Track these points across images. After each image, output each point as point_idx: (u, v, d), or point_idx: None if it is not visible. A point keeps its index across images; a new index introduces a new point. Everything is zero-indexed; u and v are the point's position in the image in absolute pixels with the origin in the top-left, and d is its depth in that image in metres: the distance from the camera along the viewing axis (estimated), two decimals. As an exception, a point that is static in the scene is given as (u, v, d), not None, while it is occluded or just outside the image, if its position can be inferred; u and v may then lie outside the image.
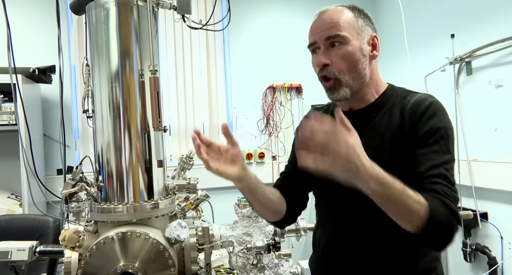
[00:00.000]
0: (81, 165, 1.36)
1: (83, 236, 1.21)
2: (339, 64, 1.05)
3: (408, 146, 1.02)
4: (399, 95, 1.12)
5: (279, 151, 3.67)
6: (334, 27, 1.06)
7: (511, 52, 2.47)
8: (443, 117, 1.03)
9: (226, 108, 3.66)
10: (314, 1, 3.77)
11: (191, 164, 1.64)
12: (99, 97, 1.31)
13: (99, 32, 1.30)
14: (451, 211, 0.90)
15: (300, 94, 3.73)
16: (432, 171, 0.97)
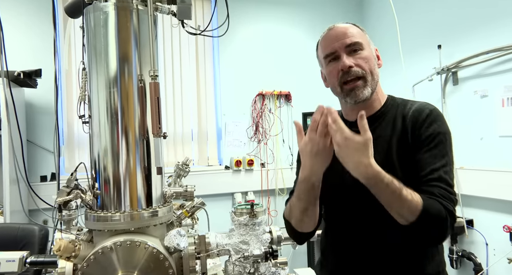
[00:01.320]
0: (76, 172, 1.32)
1: (79, 245, 1.16)
2: (362, 64, 1.13)
3: (411, 151, 1.09)
4: (399, 104, 1.20)
5: (268, 158, 3.67)
6: (353, 36, 1.15)
7: (495, 64, 2.55)
8: (442, 123, 1.11)
9: (215, 114, 3.64)
10: (301, 9, 3.85)
11: (187, 171, 1.62)
12: (96, 102, 1.28)
13: (98, 36, 1.27)
14: (446, 210, 0.98)
15: (289, 102, 3.75)
16: (431, 175, 1.04)
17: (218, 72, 3.64)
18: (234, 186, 3.54)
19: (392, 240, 1.09)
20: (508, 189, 2.41)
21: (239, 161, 3.54)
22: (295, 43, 3.82)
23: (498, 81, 2.53)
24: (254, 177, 3.60)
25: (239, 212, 1.62)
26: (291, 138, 3.74)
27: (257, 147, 3.65)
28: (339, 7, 3.98)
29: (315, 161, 1.03)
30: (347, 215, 1.19)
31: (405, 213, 0.97)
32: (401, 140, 1.11)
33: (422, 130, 1.09)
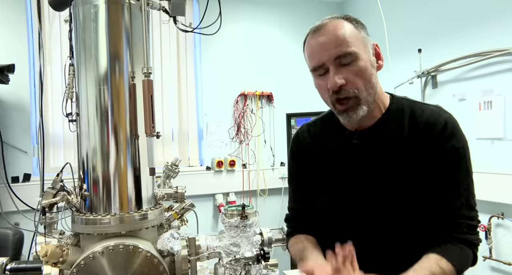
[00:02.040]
0: (62, 173, 1.25)
1: (67, 250, 1.11)
2: (355, 82, 0.95)
3: (427, 162, 1.00)
4: (405, 106, 1.06)
5: (249, 159, 3.64)
6: (343, 44, 0.95)
7: (473, 68, 2.64)
8: (461, 135, 1.02)
9: (197, 114, 3.58)
10: (282, 10, 3.85)
11: (176, 172, 1.57)
12: (85, 99, 1.22)
13: (87, 30, 1.21)
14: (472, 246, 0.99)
15: (271, 102, 3.75)
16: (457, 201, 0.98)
17: (199, 71, 3.58)
18: (215, 187, 3.50)
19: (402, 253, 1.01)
20: (484, 190, 2.49)
21: (220, 161, 3.49)
22: (277, 44, 3.82)
23: (476, 85, 2.62)
24: (236, 178, 3.57)
25: (230, 213, 1.59)
26: (273, 139, 3.73)
27: (238, 148, 3.62)
28: (320, 8, 4.01)
29: None
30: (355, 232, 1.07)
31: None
32: (410, 149, 1.00)
33: (440, 143, 0.98)
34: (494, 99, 2.51)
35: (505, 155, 2.46)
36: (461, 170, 1.00)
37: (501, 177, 2.43)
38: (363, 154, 1.07)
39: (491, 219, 2.53)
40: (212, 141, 3.57)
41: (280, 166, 3.74)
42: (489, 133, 2.54)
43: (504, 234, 2.48)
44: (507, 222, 2.47)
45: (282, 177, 3.70)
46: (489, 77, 2.55)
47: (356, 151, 1.08)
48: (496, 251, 2.54)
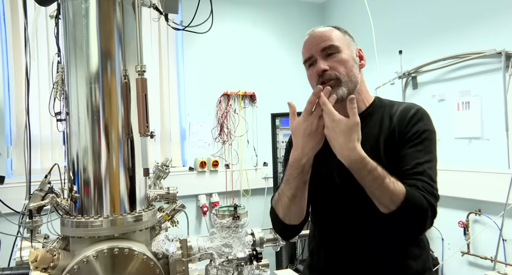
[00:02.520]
0: (50, 175, 1.20)
1: (57, 255, 1.06)
2: (337, 67, 1.12)
3: (397, 148, 1.11)
4: (386, 105, 1.21)
5: (232, 159, 3.63)
6: (328, 39, 1.15)
7: (452, 70, 2.73)
8: (428, 121, 1.14)
9: (179, 114, 3.54)
10: (264, 10, 3.86)
11: (167, 173, 1.55)
12: (75, 98, 1.18)
13: (78, 26, 1.17)
14: (427, 202, 1.00)
15: (254, 102, 3.74)
16: (415, 169, 1.05)
17: (182, 70, 3.54)
18: (198, 187, 3.46)
19: (380, 239, 1.11)
20: (463, 187, 2.58)
21: (203, 162, 3.46)
22: (260, 44, 3.82)
23: (454, 86, 2.71)
24: (219, 179, 3.55)
25: (221, 214, 1.57)
26: (256, 139, 3.74)
27: (221, 148, 3.59)
28: (302, 9, 4.05)
29: (308, 142, 1.04)
30: (335, 216, 1.20)
31: (386, 201, 0.98)
32: (388, 138, 1.12)
33: (408, 127, 1.11)
34: (472, 100, 2.60)
35: (482, 154, 2.55)
36: (424, 148, 1.08)
37: (479, 175, 2.52)
38: None
39: (469, 216, 2.62)
40: (195, 141, 3.53)
41: (263, 166, 3.74)
42: (467, 133, 2.63)
43: (481, 230, 2.57)
44: (484, 218, 2.56)
45: (265, 177, 3.71)
46: (467, 78, 2.64)
47: None
48: (474, 246, 2.63)
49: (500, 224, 2.40)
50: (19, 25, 2.91)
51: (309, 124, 1.03)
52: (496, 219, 2.45)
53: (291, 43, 3.90)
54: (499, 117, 2.42)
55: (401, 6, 3.12)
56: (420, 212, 1.00)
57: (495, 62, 2.44)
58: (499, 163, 2.43)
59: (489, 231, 2.53)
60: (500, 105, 2.41)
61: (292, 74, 3.89)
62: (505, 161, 2.38)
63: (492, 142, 2.50)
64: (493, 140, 2.49)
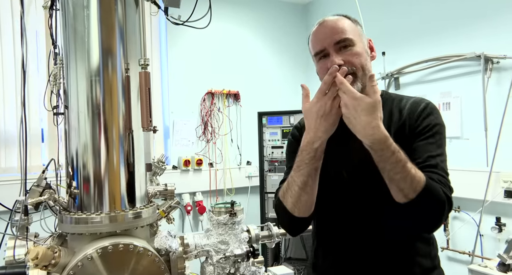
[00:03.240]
0: (47, 170, 1.17)
1: (59, 252, 1.03)
2: (352, 61, 1.07)
3: (408, 142, 1.08)
4: (394, 98, 1.20)
5: (216, 158, 3.61)
6: (342, 32, 1.09)
7: (433, 72, 2.82)
8: (438, 115, 1.14)
9: (162, 112, 3.49)
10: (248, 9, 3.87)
11: (163, 169, 1.53)
12: (75, 92, 1.15)
13: (79, 18, 1.14)
14: (445, 195, 0.98)
15: (238, 101, 3.74)
16: (428, 161, 1.04)
17: (166, 68, 3.49)
18: (182, 186, 3.41)
19: (390, 235, 1.09)
20: (442, 185, 2.68)
21: (187, 160, 3.43)
22: (244, 43, 3.82)
23: (435, 87, 2.81)
24: (203, 177, 3.53)
25: (217, 211, 1.57)
26: (240, 137, 3.74)
27: (205, 147, 3.57)
28: (286, 9, 4.08)
29: (321, 124, 1.00)
30: (341, 213, 1.17)
31: (406, 187, 0.93)
32: (398, 131, 1.10)
33: (419, 121, 1.09)
34: (452, 101, 2.70)
35: (461, 153, 2.65)
36: (435, 141, 1.08)
37: (458, 173, 2.62)
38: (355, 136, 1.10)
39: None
40: (179, 140, 3.50)
41: (246, 165, 3.75)
42: (448, 132, 2.69)
43: (460, 226, 2.68)
44: (463, 215, 2.67)
45: (248, 176, 3.72)
46: (447, 80, 2.74)
47: (348, 134, 1.09)
48: (453, 242, 2.73)
49: (478, 220, 2.51)
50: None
51: (323, 105, 0.99)
52: (474, 215, 2.56)
53: (275, 43, 3.92)
54: (478, 118, 2.52)
55: (385, 8, 3.21)
56: (439, 202, 0.96)
57: (474, 64, 2.55)
58: (478, 162, 2.53)
59: (467, 227, 2.64)
60: (479, 106, 2.51)
61: (276, 73, 3.92)
62: (484, 159, 2.49)
63: (472, 141, 2.60)
64: (472, 140, 2.60)
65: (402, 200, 0.96)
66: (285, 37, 3.98)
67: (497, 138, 2.39)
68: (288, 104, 3.69)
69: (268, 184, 3.32)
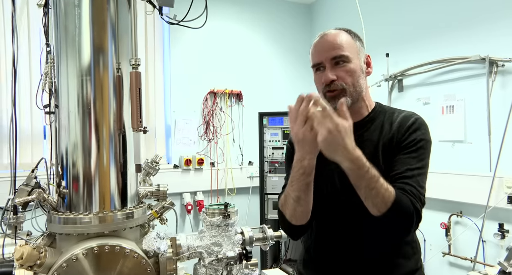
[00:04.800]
0: (37, 169, 1.16)
1: (44, 252, 1.03)
2: (344, 78, 1.14)
3: (393, 154, 1.14)
4: (387, 111, 1.24)
5: (218, 157, 3.60)
6: (339, 48, 1.15)
7: (437, 74, 2.78)
8: (426, 131, 1.17)
9: (164, 111, 3.48)
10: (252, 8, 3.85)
11: (156, 169, 1.52)
12: (65, 91, 1.14)
13: (70, 16, 1.14)
14: (413, 206, 1.03)
15: (240, 101, 3.73)
16: (405, 173, 1.09)
17: (168, 67, 3.49)
18: (183, 185, 3.42)
19: (374, 239, 1.15)
20: (445, 190, 2.64)
21: (188, 160, 3.42)
22: (247, 43, 3.81)
23: (439, 90, 2.76)
24: (204, 177, 3.52)
25: (211, 212, 1.55)
26: (242, 137, 3.72)
27: (207, 146, 3.56)
28: (290, 9, 4.05)
29: (303, 148, 1.05)
30: (334, 216, 1.22)
31: (379, 202, 1.00)
32: (386, 144, 1.15)
33: (406, 135, 1.14)
34: (456, 104, 2.65)
35: (464, 157, 2.61)
36: (417, 156, 1.11)
37: (461, 178, 2.58)
38: None
39: (450, 217, 2.67)
40: (180, 139, 3.49)
41: (248, 165, 3.73)
42: (451, 136, 2.69)
43: (462, 232, 2.63)
44: (465, 220, 2.62)
45: (250, 176, 3.70)
46: (451, 83, 2.70)
47: None
48: (455, 247, 2.69)
49: (481, 226, 2.46)
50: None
51: (296, 132, 1.03)
52: (477, 220, 2.51)
53: (278, 43, 3.90)
54: (482, 121, 2.48)
55: (389, 9, 3.17)
56: (407, 215, 1.02)
57: (479, 67, 2.50)
58: (481, 166, 2.49)
59: (469, 233, 2.59)
60: (483, 109, 2.47)
61: (279, 73, 3.90)
62: (487, 164, 2.44)
63: (475, 145, 2.56)
64: (475, 144, 2.55)
65: (376, 213, 1.02)
66: (289, 37, 3.95)
67: (501, 142, 2.34)
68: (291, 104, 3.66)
69: (268, 185, 3.30)
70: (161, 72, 3.47)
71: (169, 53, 3.47)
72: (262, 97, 3.78)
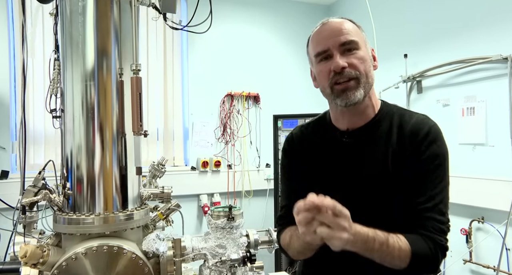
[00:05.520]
0: (44, 171, 1.21)
1: (47, 251, 1.07)
2: (357, 65, 1.02)
3: (408, 166, 1.03)
4: (395, 113, 1.12)
5: (235, 160, 3.62)
6: (348, 34, 1.03)
7: (457, 75, 2.69)
8: (442, 142, 1.06)
9: (182, 114, 3.54)
10: (273, 12, 3.86)
11: (163, 172, 1.55)
12: (70, 95, 1.19)
13: (75, 24, 1.18)
14: (435, 244, 0.97)
15: (257, 103, 3.74)
16: (427, 204, 1.00)
17: (186, 70, 3.55)
18: (200, 187, 3.46)
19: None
20: (465, 194, 2.55)
21: (206, 162, 3.46)
22: (265, 45, 3.81)
23: (459, 91, 2.67)
24: (221, 179, 3.55)
25: (216, 215, 1.57)
26: (259, 140, 3.73)
27: (224, 148, 3.59)
28: (308, 11, 4.03)
29: None
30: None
31: (397, 264, 0.96)
32: (396, 152, 1.04)
33: (422, 147, 1.03)
34: (477, 106, 2.56)
35: (486, 161, 2.51)
36: (437, 176, 1.02)
37: (482, 182, 2.48)
38: (352, 153, 1.10)
39: (471, 223, 2.58)
40: (198, 141, 3.53)
41: (265, 168, 3.73)
42: (471, 139, 2.59)
43: (484, 238, 2.53)
44: (487, 226, 2.52)
45: (267, 178, 3.70)
46: (472, 83, 2.60)
47: (345, 150, 1.10)
48: (476, 254, 2.59)
49: (504, 233, 2.36)
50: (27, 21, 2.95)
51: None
52: (500, 227, 2.41)
53: (295, 44, 3.88)
54: (504, 124, 2.37)
55: (407, 9, 3.10)
56: (429, 261, 0.98)
57: (501, 67, 2.40)
58: (503, 170, 2.38)
59: (492, 240, 2.49)
60: (505, 111, 2.37)
61: (297, 76, 3.88)
62: (510, 168, 2.34)
63: (497, 149, 2.45)
64: (497, 147, 2.45)
65: (398, 269, 0.97)
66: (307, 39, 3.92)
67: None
68: (308, 107, 3.65)
69: (284, 188, 3.28)
70: (179, 76, 3.53)
71: (187, 57, 3.53)
72: (279, 100, 3.77)
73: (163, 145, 3.43)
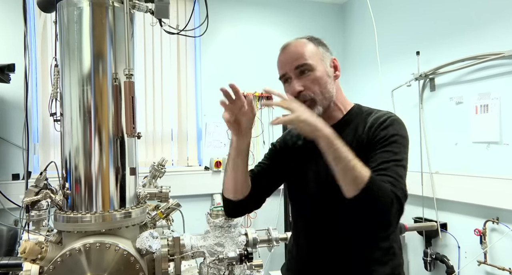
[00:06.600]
0: (46, 171, 1.28)
1: (46, 247, 1.13)
2: (311, 87, 1.14)
3: (365, 154, 1.08)
4: (364, 113, 1.21)
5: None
6: (301, 57, 1.16)
7: (470, 72, 2.61)
8: (398, 127, 1.12)
9: (196, 114, 3.60)
10: (283, 11, 3.86)
11: (162, 172, 1.59)
12: (68, 99, 1.25)
13: (71, 32, 1.24)
14: (393, 194, 0.97)
15: (270, 104, 3.74)
16: (380, 166, 1.03)
17: (199, 72, 3.60)
18: (214, 187, 3.50)
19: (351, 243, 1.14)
20: (479, 194, 2.48)
21: (219, 162, 3.51)
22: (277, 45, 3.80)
23: (473, 88, 2.60)
24: (234, 179, 3.58)
25: (215, 214, 1.60)
26: (272, 139, 3.74)
27: (237, 148, 3.62)
28: (322, 10, 4.01)
29: None
30: (309, 218, 1.25)
31: (350, 183, 0.96)
32: (359, 144, 1.13)
33: (376, 132, 1.11)
34: (491, 103, 2.48)
35: (500, 159, 2.43)
36: (392, 151, 1.06)
37: (497, 181, 2.41)
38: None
39: (486, 224, 2.50)
40: (211, 141, 3.59)
41: (278, 167, 3.74)
42: (485, 137, 2.52)
43: (499, 239, 2.45)
44: (502, 227, 2.44)
45: (280, 178, 3.70)
46: (485, 80, 2.53)
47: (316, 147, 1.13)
48: (491, 256, 2.52)
49: (519, 234, 2.28)
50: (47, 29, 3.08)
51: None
52: (515, 228, 2.33)
53: (309, 44, 3.87)
54: (519, 121, 2.30)
55: (419, 6, 3.03)
56: (383, 200, 0.96)
57: (515, 63, 2.33)
58: (518, 169, 2.31)
59: (507, 241, 2.41)
60: (520, 108, 2.29)
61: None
62: (525, 167, 2.26)
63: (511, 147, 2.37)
64: (512, 145, 2.37)
65: (348, 195, 0.98)
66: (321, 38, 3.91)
67: (540, 144, 2.16)
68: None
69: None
70: (192, 77, 3.59)
71: (200, 59, 3.59)
72: (293, 99, 3.77)
73: (177, 146, 3.50)
